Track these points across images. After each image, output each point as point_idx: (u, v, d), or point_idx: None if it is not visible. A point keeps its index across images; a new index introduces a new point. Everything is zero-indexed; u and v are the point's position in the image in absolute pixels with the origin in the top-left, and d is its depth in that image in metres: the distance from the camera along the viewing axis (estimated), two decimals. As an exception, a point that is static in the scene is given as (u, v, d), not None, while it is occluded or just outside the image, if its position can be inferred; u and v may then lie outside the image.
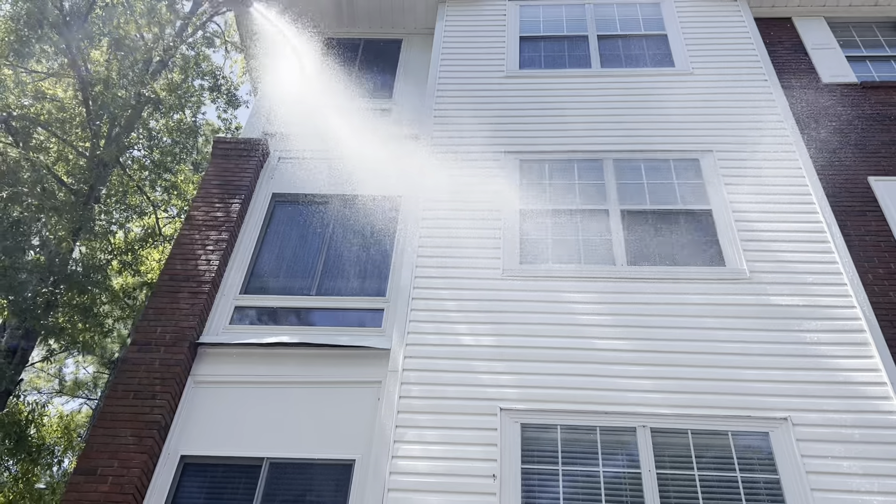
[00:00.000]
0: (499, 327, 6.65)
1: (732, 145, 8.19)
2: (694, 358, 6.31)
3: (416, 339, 6.57)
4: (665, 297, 6.82)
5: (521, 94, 9.01)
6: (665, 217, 7.59)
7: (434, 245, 7.38)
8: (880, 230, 7.74)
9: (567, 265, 7.16)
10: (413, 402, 6.11)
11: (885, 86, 9.39)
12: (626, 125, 8.50)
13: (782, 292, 6.78)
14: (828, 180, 8.16)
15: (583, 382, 6.19)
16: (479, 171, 8.11)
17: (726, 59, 9.38)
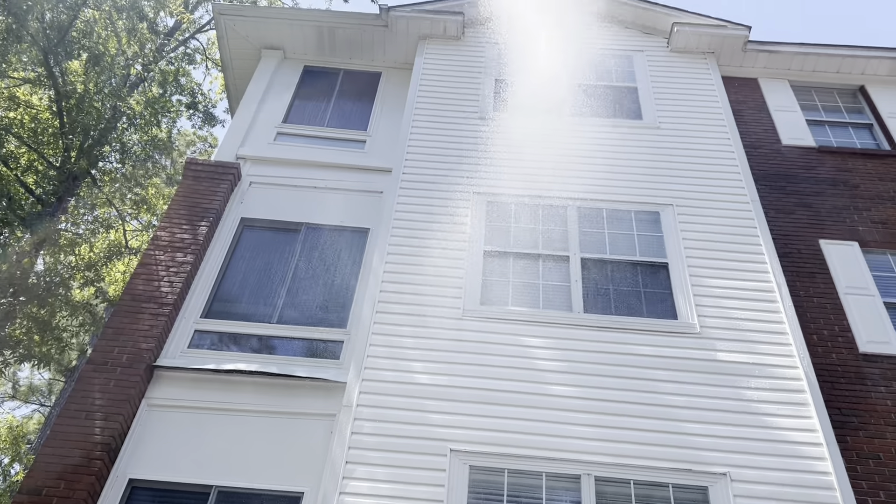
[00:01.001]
0: (455, 367, 6.78)
1: (692, 201, 8.46)
2: (641, 409, 6.50)
3: (372, 375, 6.67)
4: (618, 346, 7.01)
5: (493, 135, 9.21)
6: (623, 267, 7.81)
7: (397, 280, 7.51)
8: (827, 293, 8.04)
9: (526, 308, 7.33)
10: (365, 439, 6.20)
11: (841, 152, 9.78)
12: (592, 174, 8.73)
13: (730, 349, 7.01)
14: (781, 240, 8.47)
15: (532, 427, 6.33)
16: (447, 209, 8.27)
17: (692, 115, 9.69)
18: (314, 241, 8.46)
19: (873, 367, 7.37)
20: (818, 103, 10.79)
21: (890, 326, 7.71)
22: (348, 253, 8.33)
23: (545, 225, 8.23)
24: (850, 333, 7.66)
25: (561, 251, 7.93)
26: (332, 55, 11.09)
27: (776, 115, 10.35)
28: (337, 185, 9.08)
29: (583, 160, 8.91)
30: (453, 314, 7.24)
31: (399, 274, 7.57)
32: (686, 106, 9.84)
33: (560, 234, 8.12)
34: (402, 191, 8.43)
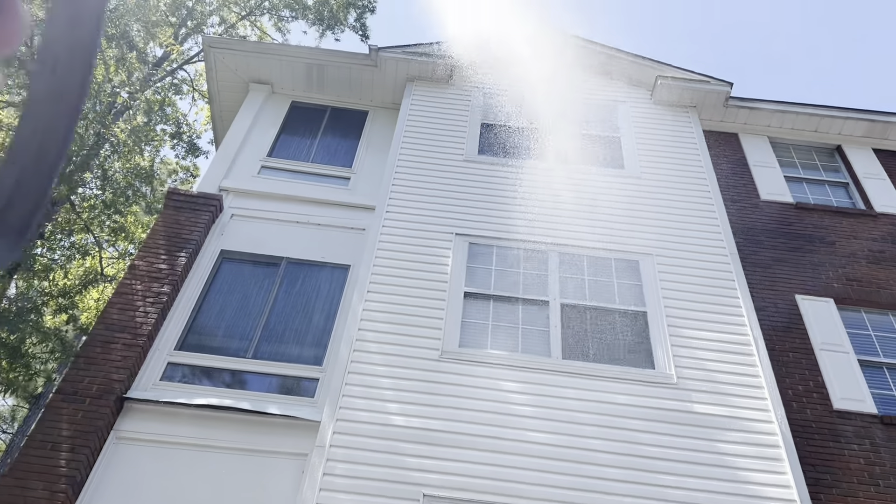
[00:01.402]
0: (431, 409, 6.72)
1: (672, 251, 8.54)
2: (616, 459, 6.46)
3: (347, 415, 6.59)
4: (595, 394, 6.99)
5: (477, 178, 9.28)
6: (602, 314, 7.83)
7: (376, 319, 7.46)
8: (803, 348, 8.11)
9: (504, 352, 7.31)
10: (336, 481, 6.09)
11: (818, 209, 9.95)
12: (574, 220, 8.80)
13: (706, 401, 7.02)
14: (758, 294, 8.55)
15: (508, 474, 6.27)
16: (429, 249, 8.28)
17: (674, 167, 9.84)
18: (294, 276, 8.41)
19: (847, 425, 7.41)
20: (796, 160, 11.01)
21: (864, 384, 7.78)
22: (328, 289, 8.28)
23: (526, 269, 8.26)
24: (824, 390, 7.72)
25: (541, 296, 7.94)
26: (321, 92, 11.16)
27: (755, 170, 10.54)
28: (319, 220, 9.06)
29: (565, 206, 8.98)
30: (432, 355, 7.20)
31: (378, 312, 7.53)
32: (668, 157, 10.00)
33: (540, 279, 8.15)
34: (384, 228, 8.44)
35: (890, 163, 10.93)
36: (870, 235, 9.64)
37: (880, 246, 9.51)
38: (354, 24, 21.23)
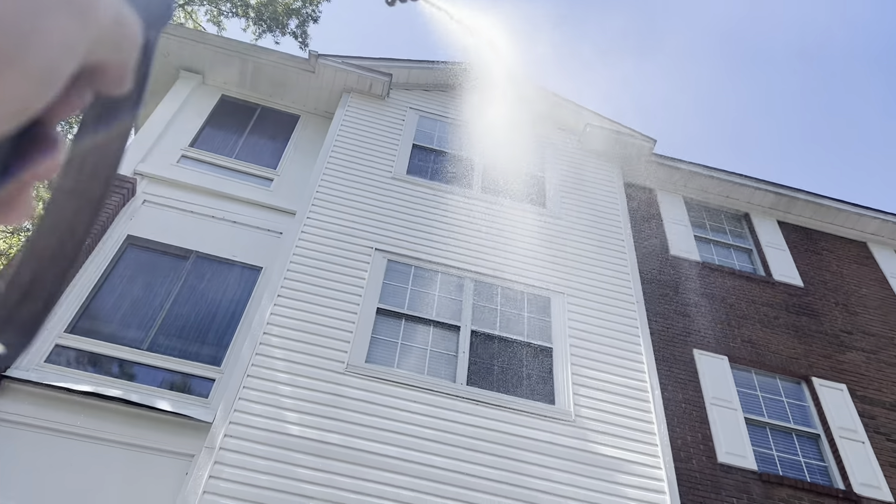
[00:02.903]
0: (330, 423, 6.57)
1: (583, 293, 8.73)
2: (506, 489, 6.48)
3: (241, 419, 6.36)
4: (495, 423, 7.01)
5: (403, 197, 9.26)
6: (510, 346, 7.90)
7: (284, 325, 7.28)
8: (695, 400, 8.40)
9: (411, 373, 7.25)
10: (222, 484, 5.85)
11: (721, 270, 10.41)
12: (493, 251, 8.89)
13: (601, 441, 7.15)
14: (659, 343, 8.83)
15: (395, 494, 6.18)
16: (346, 261, 8.17)
17: (593, 212, 10.11)
18: (202, 271, 8.13)
19: (729, 478, 7.69)
20: (707, 222, 11.51)
21: (747, 441, 8.11)
22: (236, 289, 8.04)
23: (441, 293, 8.26)
24: (711, 442, 8.00)
25: (453, 320, 7.95)
26: (253, 89, 10.94)
27: (668, 226, 10.95)
28: (236, 218, 8.82)
29: (486, 236, 9.07)
30: (337, 368, 7.07)
31: (286, 318, 7.35)
32: (588, 202, 10.26)
33: (454, 304, 8.16)
34: (303, 234, 8.28)
35: (791, 235, 11.57)
36: (767, 301, 10.14)
37: (775, 312, 10.01)
38: (295, 31, 21.01)
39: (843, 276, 11.07)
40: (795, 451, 8.36)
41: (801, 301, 10.34)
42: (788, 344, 9.56)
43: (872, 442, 8.51)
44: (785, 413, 8.75)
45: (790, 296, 10.38)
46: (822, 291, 10.64)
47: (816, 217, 11.90)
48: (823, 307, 10.37)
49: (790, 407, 8.85)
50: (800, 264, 11.02)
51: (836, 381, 9.19)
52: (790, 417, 8.71)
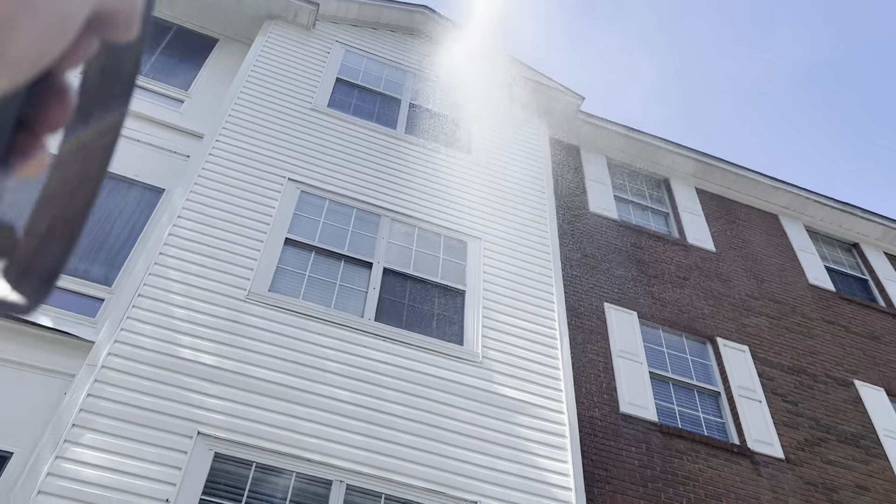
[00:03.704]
0: (226, 349, 6.24)
1: (500, 240, 8.59)
2: (410, 426, 6.31)
3: (128, 338, 5.96)
4: (400, 360, 6.83)
5: (321, 130, 8.88)
6: (423, 286, 7.70)
7: (183, 247, 6.86)
8: (602, 351, 8.43)
9: (317, 305, 6.97)
10: (102, 404, 5.47)
11: (638, 230, 10.47)
12: (413, 191, 8.64)
13: (506, 383, 7.06)
14: (571, 294, 8.80)
15: (295, 425, 5.93)
16: (255, 188, 7.77)
17: (516, 162, 9.96)
18: (99, 187, 7.58)
19: (629, 428, 7.74)
20: (628, 184, 11.55)
21: (650, 394, 8.19)
22: (135, 209, 7.55)
23: (356, 228, 7.97)
24: (615, 393, 8.04)
25: (366, 257, 7.69)
26: (170, 7, 10.28)
27: (590, 183, 10.93)
28: (140, 136, 8.27)
29: (405, 176, 8.81)
30: (238, 294, 6.72)
31: (186, 241, 6.94)
32: (512, 153, 10.11)
33: (368, 241, 7.89)
34: (210, 157, 7.83)
35: (708, 202, 11.73)
36: (679, 263, 10.26)
37: (686, 274, 10.14)
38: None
39: (753, 244, 11.31)
40: (696, 407, 8.51)
41: (711, 265, 10.52)
42: (697, 305, 9.71)
43: (769, 402, 8.74)
44: (689, 370, 8.88)
45: (702, 259, 10.54)
46: (732, 258, 10.85)
47: (734, 187, 12.11)
48: (732, 272, 10.57)
49: (694, 364, 8.99)
50: (714, 230, 11.20)
51: (739, 342, 9.39)
52: (693, 374, 8.86)
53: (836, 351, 9.97)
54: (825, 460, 8.33)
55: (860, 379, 9.66)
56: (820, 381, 9.36)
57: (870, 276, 11.95)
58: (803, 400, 8.99)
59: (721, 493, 7.49)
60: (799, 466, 8.13)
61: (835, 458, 8.42)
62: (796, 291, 10.75)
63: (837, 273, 11.77)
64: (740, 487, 7.61)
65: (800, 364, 9.49)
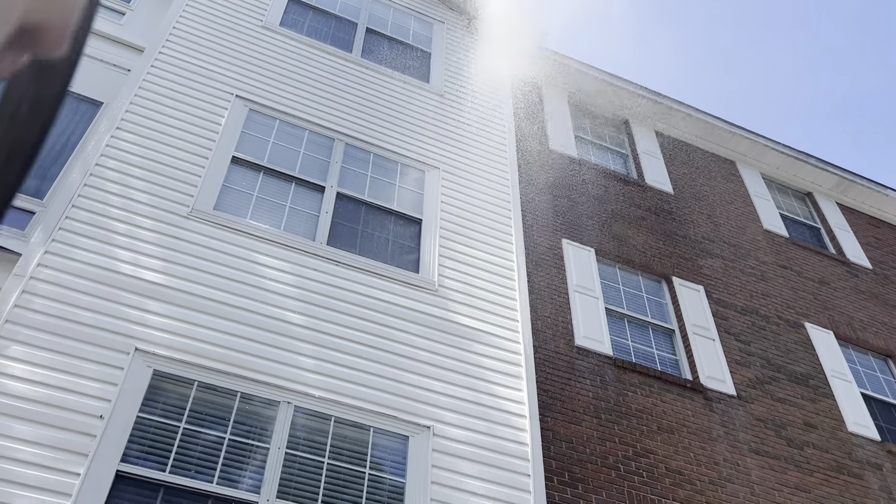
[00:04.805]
0: (167, 266, 5.88)
1: (458, 170, 8.32)
2: (362, 350, 6.08)
3: (60, 250, 5.55)
4: (353, 285, 6.56)
5: (272, 49, 8.42)
6: (378, 213, 7.42)
7: (123, 159, 6.43)
8: (559, 286, 8.28)
9: (265, 226, 6.63)
10: (29, 316, 5.09)
11: (597, 169, 10.31)
12: (369, 117, 8.29)
13: (462, 311, 6.87)
14: (530, 229, 8.61)
15: (240, 345, 5.63)
16: (200, 103, 7.33)
17: (476, 95, 9.65)
18: (31, 96, 7.05)
19: (583, 361, 7.65)
20: (588, 124, 11.34)
21: (606, 328, 8.10)
22: (70, 121, 7.05)
23: (308, 150, 7.61)
24: (570, 326, 7.92)
25: (318, 180, 7.34)
26: (111, -85, 9.57)
27: (550, 121, 10.69)
28: (77, 46, 7.70)
29: (362, 101, 8.44)
30: (180, 211, 6.33)
31: (125, 153, 6.50)
32: (473, 84, 9.79)
33: (321, 165, 7.54)
34: (153, 69, 7.33)
35: (667, 146, 11.62)
36: (637, 203, 10.15)
37: (644, 214, 10.04)
38: None
39: (711, 188, 11.28)
40: (650, 344, 8.47)
41: (669, 206, 10.44)
42: (654, 245, 9.63)
43: (722, 340, 8.75)
44: (644, 308, 8.82)
45: (660, 200, 10.45)
46: (689, 200, 10.79)
47: (693, 132, 12.02)
48: (689, 215, 10.52)
49: (649, 303, 8.94)
50: (672, 173, 11.11)
51: (694, 282, 9.36)
52: (648, 312, 8.80)
53: (788, 294, 10.04)
54: (775, 398, 8.40)
55: (810, 322, 9.75)
56: (772, 323, 9.42)
57: (822, 224, 12.07)
58: (755, 340, 9.03)
59: (673, 426, 7.47)
60: (750, 403, 8.17)
61: (784, 396, 8.49)
62: (751, 236, 10.77)
63: (791, 220, 11.84)
64: (692, 421, 7.61)
65: (753, 305, 9.52)
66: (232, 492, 4.84)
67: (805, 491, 7.53)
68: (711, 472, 7.21)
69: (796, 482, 7.57)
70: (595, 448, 6.92)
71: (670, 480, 6.95)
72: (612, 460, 6.88)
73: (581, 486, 6.54)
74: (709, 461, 7.31)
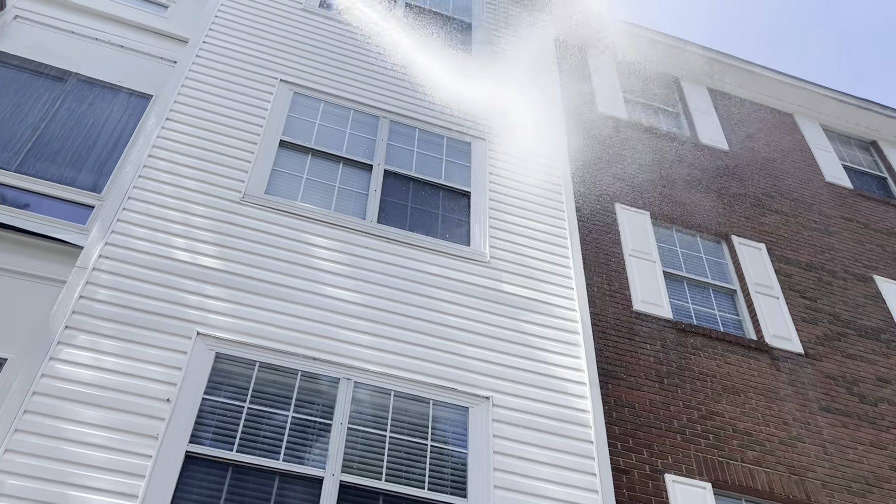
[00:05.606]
0: (223, 250, 5.99)
1: (505, 139, 8.23)
2: (417, 324, 6.10)
3: (120, 241, 5.71)
4: (405, 261, 6.57)
5: (313, 31, 8.44)
6: (426, 188, 7.41)
7: (174, 150, 6.55)
8: (614, 252, 8.16)
9: (316, 207, 6.69)
10: (95, 306, 5.25)
11: (648, 130, 10.08)
12: (412, 93, 8.26)
13: (515, 282, 6.82)
14: (582, 195, 8.49)
15: (298, 324, 5.72)
16: (246, 90, 7.41)
17: (521, 63, 9.48)
18: (83, 94, 7.25)
19: (643, 325, 7.53)
20: (637, 85, 11.07)
21: (664, 292, 7.95)
22: (122, 116, 7.22)
23: (354, 130, 7.63)
24: (627, 291, 7.81)
25: (365, 158, 7.36)
26: None
27: (598, 84, 10.49)
28: (123, 42, 7.87)
29: (405, 76, 8.40)
30: (233, 196, 6.43)
31: (176, 143, 6.62)
32: (516, 52, 9.64)
33: (367, 143, 7.56)
34: (198, 59, 7.44)
35: (720, 102, 11.29)
36: (692, 163, 9.90)
37: (699, 174, 9.79)
38: None
39: (768, 143, 10.91)
40: (711, 305, 8.29)
41: (725, 164, 10.15)
42: (710, 204, 9.39)
43: (787, 298, 8.50)
44: (703, 269, 8.63)
45: (715, 158, 10.16)
46: (746, 156, 10.47)
47: (747, 86, 11.64)
48: (747, 171, 10.21)
49: (709, 263, 8.73)
50: (727, 130, 10.79)
51: (755, 240, 9.11)
52: (708, 273, 8.60)
53: (854, 247, 9.68)
54: (845, 354, 8.13)
55: (880, 274, 9.39)
56: (839, 277, 9.10)
57: (888, 173, 11.57)
58: (822, 296, 8.75)
59: (739, 387, 7.31)
60: (819, 361, 7.94)
61: (855, 352, 8.22)
62: (813, 189, 10.41)
63: (855, 171, 11.39)
64: (759, 382, 7.44)
65: (818, 261, 9.21)
66: (298, 468, 4.93)
67: (881, 448, 7.29)
68: (781, 432, 7.05)
69: (871, 439, 7.34)
70: (659, 413, 6.83)
71: (738, 442, 6.82)
72: (677, 424, 6.78)
73: (646, 452, 6.47)
74: (778, 421, 7.14)
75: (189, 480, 4.67)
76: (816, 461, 6.92)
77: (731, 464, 6.61)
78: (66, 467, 4.44)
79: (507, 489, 5.31)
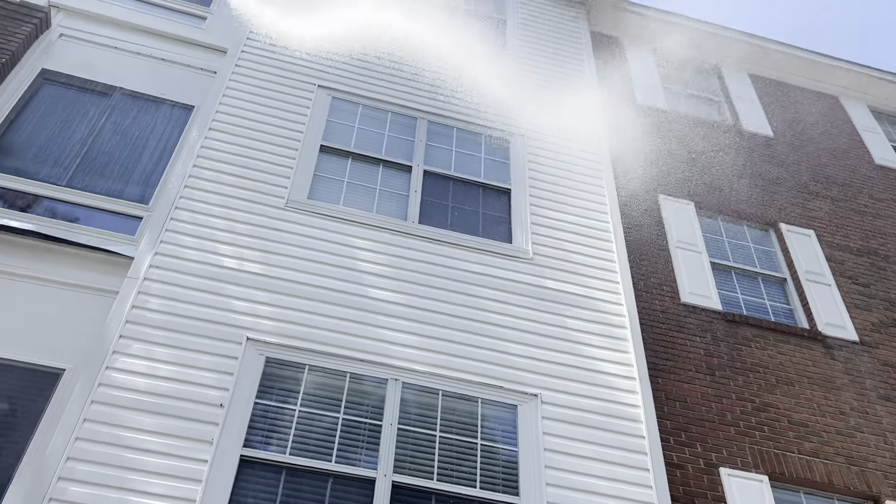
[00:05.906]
0: (269, 256, 6.07)
1: (545, 135, 8.19)
2: (462, 323, 6.11)
3: (169, 250, 5.82)
4: (448, 260, 6.58)
5: (349, 32, 8.50)
6: (466, 186, 7.41)
7: (216, 158, 6.66)
8: (659, 244, 8.05)
9: (357, 210, 6.73)
10: (147, 315, 5.36)
11: (690, 119, 9.92)
12: (449, 91, 8.26)
13: (559, 278, 6.78)
14: (624, 188, 8.39)
15: (345, 327, 5.76)
16: (286, 97, 7.50)
17: (557, 58, 9.46)
18: (127, 108, 7.40)
19: (691, 318, 7.42)
20: (675, 74, 10.90)
21: (712, 282, 7.82)
22: (165, 128, 7.35)
23: (392, 132, 7.67)
24: (674, 283, 7.70)
25: (405, 160, 7.39)
26: (184, -76, 9.86)
27: (636, 75, 10.36)
28: (164, 55, 8.02)
29: (440, 75, 8.41)
30: (276, 203, 6.52)
31: (219, 152, 6.73)
32: (551, 47, 9.60)
33: (406, 144, 7.59)
34: (237, 69, 7.56)
35: (762, 88, 11.06)
36: (735, 150, 9.72)
37: (743, 162, 9.61)
38: None
39: (813, 127, 10.66)
40: (761, 294, 8.12)
41: (770, 151, 9.94)
42: (756, 192, 9.20)
43: (839, 285, 8.29)
44: (751, 258, 8.46)
45: (759, 145, 9.96)
46: (791, 142, 10.24)
47: (789, 70, 11.39)
48: (792, 157, 9.98)
49: (757, 252, 8.56)
50: (770, 115, 10.56)
51: (804, 227, 8.90)
52: (756, 262, 8.43)
53: (908, 231, 9.40)
54: (902, 341, 7.90)
55: (937, 257, 9.10)
56: (893, 262, 8.85)
57: (942, 152, 11.20)
58: (876, 282, 8.52)
59: (793, 378, 7.16)
60: (875, 348, 7.73)
61: (913, 338, 7.98)
62: (862, 172, 10.13)
63: (906, 152, 11.04)
64: (813, 371, 7.27)
65: (870, 245, 8.97)
66: (350, 469, 4.97)
67: (945, 436, 7.06)
68: (838, 423, 6.88)
69: (934, 428, 7.11)
70: (711, 406, 6.71)
71: (794, 433, 6.68)
72: (731, 417, 6.66)
73: (700, 445, 6.37)
74: (834, 411, 6.97)
75: (244, 484, 4.74)
76: (877, 451, 6.74)
77: (788, 456, 6.47)
78: (126, 473, 4.54)
79: (559, 486, 5.27)
